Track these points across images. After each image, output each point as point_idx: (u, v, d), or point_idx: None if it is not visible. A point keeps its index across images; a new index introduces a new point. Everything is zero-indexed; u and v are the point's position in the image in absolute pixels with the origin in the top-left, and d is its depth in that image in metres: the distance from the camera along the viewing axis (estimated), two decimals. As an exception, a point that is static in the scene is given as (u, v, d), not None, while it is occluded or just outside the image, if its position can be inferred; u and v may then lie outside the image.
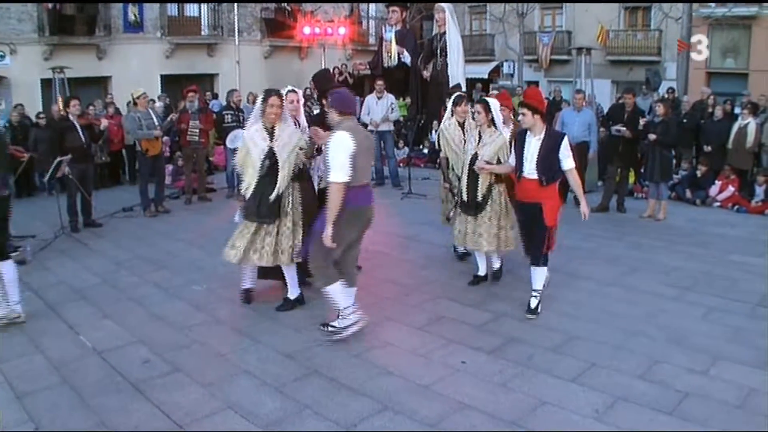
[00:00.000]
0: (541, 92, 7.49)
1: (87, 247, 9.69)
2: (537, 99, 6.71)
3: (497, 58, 31.34)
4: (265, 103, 6.53)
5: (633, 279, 7.95)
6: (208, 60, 21.09)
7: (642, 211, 11.35)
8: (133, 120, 11.65)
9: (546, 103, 7.04)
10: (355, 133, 5.76)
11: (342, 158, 5.62)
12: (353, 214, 5.82)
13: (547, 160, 6.47)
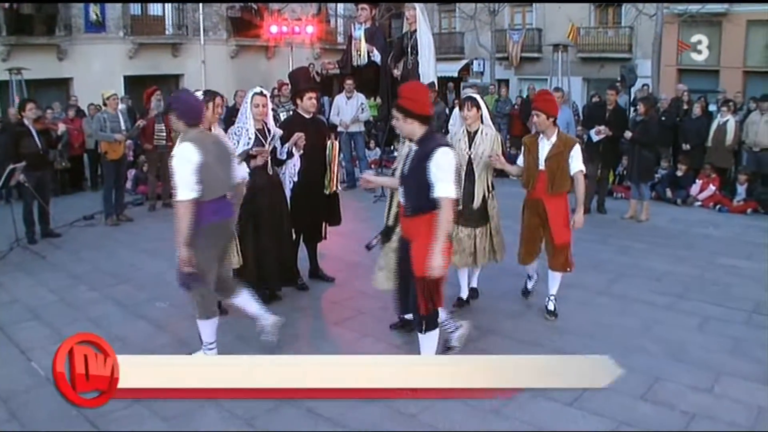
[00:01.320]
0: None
1: (44, 260, 9.12)
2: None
3: (467, 56, 31.04)
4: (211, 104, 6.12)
5: (622, 286, 7.62)
6: (172, 60, 20.51)
7: (623, 212, 11.08)
8: (99, 120, 11.12)
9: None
10: (202, 142, 5.16)
11: (185, 173, 5.03)
12: (212, 232, 5.25)
13: (413, 177, 4.89)
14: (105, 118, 11.00)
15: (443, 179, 4.68)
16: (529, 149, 6.45)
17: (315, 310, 6.91)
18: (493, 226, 6.73)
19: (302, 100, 7.30)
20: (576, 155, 6.25)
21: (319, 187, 7.41)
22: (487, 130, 6.57)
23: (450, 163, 4.73)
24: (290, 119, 7.62)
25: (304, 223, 7.42)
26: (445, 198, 4.66)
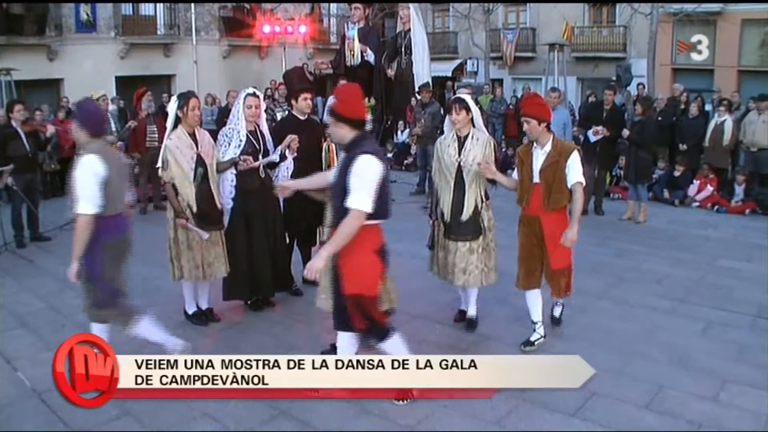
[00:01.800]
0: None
1: (32, 264, 8.95)
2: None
3: (461, 55, 30.90)
4: (185, 107, 6.13)
5: (622, 290, 7.49)
6: (164, 60, 20.30)
7: (621, 213, 10.95)
8: None
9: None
10: (106, 155, 4.89)
11: (89, 186, 4.74)
12: (114, 247, 4.99)
13: (337, 186, 4.57)
14: (95, 119, 10.82)
15: (358, 189, 4.32)
16: (523, 161, 5.75)
17: (310, 317, 6.72)
18: (487, 241, 6.17)
19: (297, 101, 7.14)
20: (574, 164, 5.53)
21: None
22: (478, 134, 6.00)
23: (370, 172, 4.33)
24: (284, 121, 7.46)
25: (299, 227, 7.26)
26: (353, 209, 4.31)
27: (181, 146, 6.13)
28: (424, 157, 12.73)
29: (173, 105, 6.25)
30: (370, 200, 4.32)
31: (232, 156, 6.44)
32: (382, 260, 4.62)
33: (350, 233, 4.34)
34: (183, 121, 6.20)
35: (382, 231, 4.64)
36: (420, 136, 12.50)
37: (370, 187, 4.32)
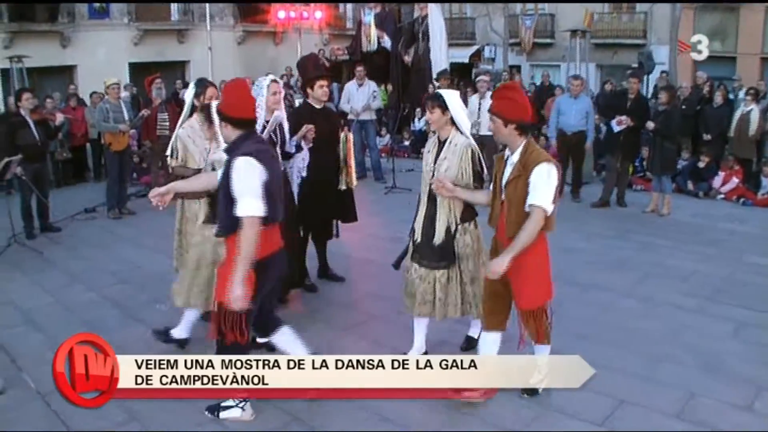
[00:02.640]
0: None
1: (41, 256, 8.77)
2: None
3: (478, 41, 30.48)
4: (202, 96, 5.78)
5: (647, 287, 7.20)
6: (178, 47, 20.07)
7: (644, 205, 10.62)
8: (102, 111, 10.78)
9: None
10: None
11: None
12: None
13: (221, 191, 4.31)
14: (107, 108, 10.66)
15: (243, 194, 4.08)
16: (497, 171, 4.68)
17: (324, 315, 6.52)
18: (466, 270, 5.17)
19: (313, 89, 6.88)
20: (537, 182, 4.33)
21: (331, 183, 7.00)
22: (458, 139, 5.01)
23: (250, 174, 4.08)
24: (299, 110, 7.22)
25: (314, 221, 7.02)
26: (245, 218, 4.06)
27: (193, 136, 5.88)
28: (442, 146, 12.46)
29: (190, 92, 6.00)
30: (260, 203, 4.09)
31: None
32: (259, 274, 4.19)
33: (251, 242, 4.06)
34: (199, 110, 5.97)
35: (272, 237, 4.32)
36: (438, 124, 12.22)
37: (254, 190, 4.09)
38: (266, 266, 4.24)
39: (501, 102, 4.48)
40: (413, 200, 10.95)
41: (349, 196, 7.25)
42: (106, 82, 11.17)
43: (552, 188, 4.33)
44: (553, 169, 4.35)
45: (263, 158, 4.17)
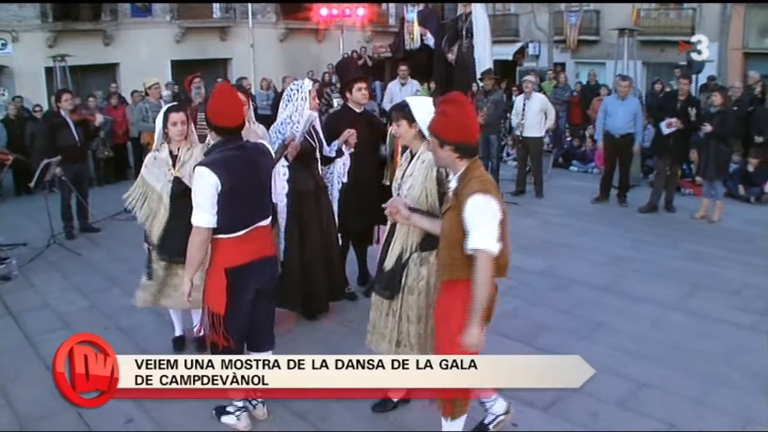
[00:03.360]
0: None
1: (80, 257, 8.76)
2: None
3: (522, 38, 30.08)
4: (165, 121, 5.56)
5: (698, 301, 6.89)
6: (220, 44, 20.07)
7: (693, 211, 10.26)
8: (141, 111, 10.76)
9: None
10: None
11: None
12: None
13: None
14: (147, 108, 10.65)
15: (195, 204, 4.07)
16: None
17: (361, 326, 6.31)
18: (412, 306, 4.39)
19: (351, 92, 6.69)
20: (473, 218, 3.60)
21: (372, 187, 6.78)
22: (426, 155, 4.33)
23: (198, 184, 4.02)
24: (339, 113, 7.02)
25: (355, 227, 6.83)
26: (193, 226, 4.08)
27: None
28: (487, 147, 12.22)
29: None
30: (207, 215, 4.04)
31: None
32: (231, 281, 4.15)
33: (192, 250, 4.11)
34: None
35: (245, 246, 4.20)
36: (482, 125, 11.98)
37: (201, 202, 4.03)
38: (240, 274, 4.17)
39: (437, 119, 3.78)
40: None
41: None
42: (146, 82, 11.17)
43: (493, 224, 3.59)
44: (491, 200, 3.59)
45: (225, 167, 4.04)
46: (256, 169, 4.21)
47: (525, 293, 7.06)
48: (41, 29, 16.17)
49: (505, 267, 3.78)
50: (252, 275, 4.22)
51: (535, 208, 10.77)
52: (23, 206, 11.22)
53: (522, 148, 11.71)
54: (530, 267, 7.86)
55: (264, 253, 4.31)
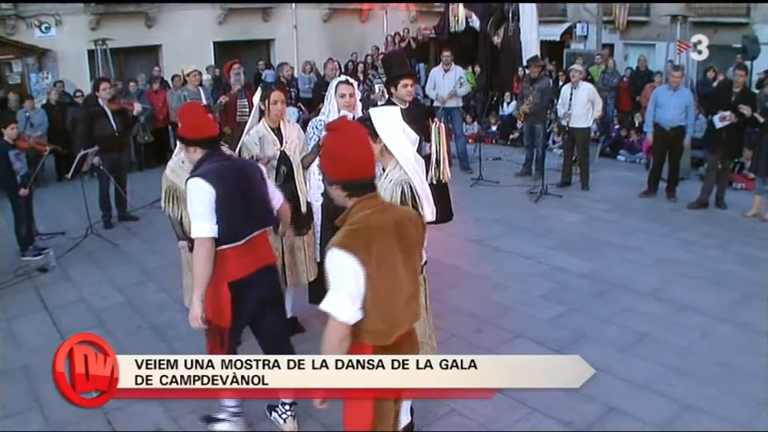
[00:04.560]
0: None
1: (116, 248, 8.75)
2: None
3: (569, 19, 29.48)
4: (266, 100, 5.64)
5: (748, 312, 6.54)
6: (263, 25, 19.88)
7: (745, 208, 9.85)
8: (179, 99, 10.71)
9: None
10: None
11: None
12: None
13: None
14: (185, 95, 10.59)
15: (192, 216, 4.09)
16: None
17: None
18: None
19: (397, 89, 6.47)
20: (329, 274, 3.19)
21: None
22: (394, 173, 4.14)
23: (195, 196, 4.02)
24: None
25: None
26: (195, 239, 4.05)
27: (260, 143, 5.66)
28: (531, 135, 11.98)
29: (257, 97, 5.80)
30: (209, 225, 4.02)
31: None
32: (235, 295, 4.16)
33: (198, 263, 4.06)
34: (266, 116, 5.73)
35: (246, 257, 4.18)
36: (528, 114, 11.71)
37: (200, 212, 4.03)
38: (243, 287, 4.17)
39: (322, 155, 3.31)
40: (499, 195, 10.60)
41: (442, 191, 6.81)
42: (184, 69, 11.09)
43: (344, 287, 3.10)
44: (347, 259, 3.04)
45: (218, 176, 4.06)
46: (248, 178, 4.22)
47: (567, 298, 6.86)
48: (84, 12, 16.18)
49: (384, 334, 3.26)
50: (253, 286, 4.21)
51: (581, 202, 10.47)
52: (64, 192, 11.25)
53: (568, 139, 11.39)
54: (574, 269, 7.65)
55: (264, 262, 4.31)
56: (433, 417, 4.90)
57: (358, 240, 3.04)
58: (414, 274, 3.32)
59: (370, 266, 3.03)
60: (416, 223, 3.34)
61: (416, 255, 3.36)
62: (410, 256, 3.25)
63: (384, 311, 3.16)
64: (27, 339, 6.36)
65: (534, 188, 10.88)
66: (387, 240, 3.11)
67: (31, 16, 15.68)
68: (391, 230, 3.14)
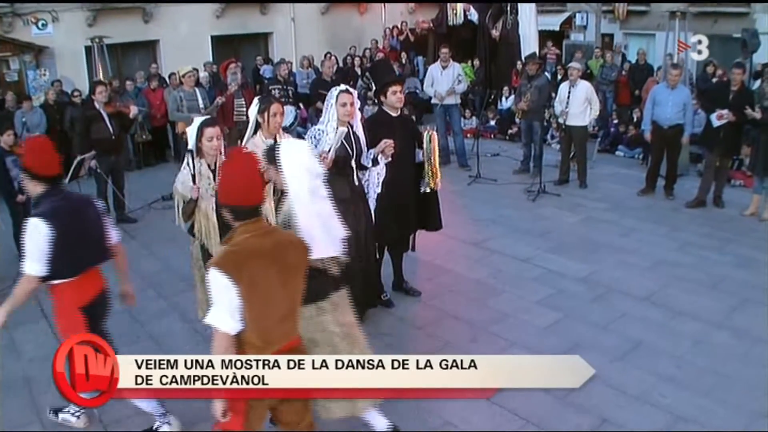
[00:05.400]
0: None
1: (114, 254, 8.75)
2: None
3: (569, 8, 29.38)
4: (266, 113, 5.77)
5: (744, 317, 6.58)
6: (261, 18, 19.78)
7: (743, 206, 9.84)
8: (174, 99, 10.70)
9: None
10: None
11: None
12: None
13: None
14: (181, 96, 10.60)
15: (26, 254, 4.35)
16: None
17: (395, 339, 6.23)
18: None
19: (386, 96, 6.52)
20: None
21: (409, 194, 6.65)
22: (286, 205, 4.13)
23: (32, 236, 4.27)
24: (375, 118, 6.82)
25: (391, 236, 6.72)
26: (23, 274, 4.37)
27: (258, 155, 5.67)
28: (529, 133, 11.99)
29: (254, 109, 5.83)
30: (38, 265, 4.31)
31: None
32: (87, 316, 4.57)
33: (20, 295, 4.42)
34: (264, 128, 5.76)
35: (89, 284, 4.60)
36: (526, 111, 11.70)
37: (34, 252, 4.30)
38: (92, 307, 4.60)
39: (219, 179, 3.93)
40: (497, 194, 10.61)
41: (432, 200, 6.86)
42: (179, 71, 11.12)
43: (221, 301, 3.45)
44: (220, 276, 3.40)
45: (56, 216, 4.32)
46: (84, 217, 4.52)
47: (564, 304, 6.90)
48: (80, 8, 16.14)
49: (259, 348, 3.58)
50: (99, 305, 4.70)
51: (579, 201, 10.47)
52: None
53: (565, 137, 11.38)
54: (572, 273, 7.68)
55: (101, 288, 4.74)
56: (428, 427, 4.94)
57: (231, 261, 3.41)
58: (293, 294, 3.62)
59: (241, 284, 3.37)
60: (298, 248, 3.64)
61: (296, 277, 3.61)
62: (288, 277, 3.55)
63: (257, 326, 3.51)
64: (27, 349, 6.40)
65: (531, 186, 10.88)
66: (262, 261, 3.43)
67: (28, 13, 15.63)
68: (268, 253, 3.46)
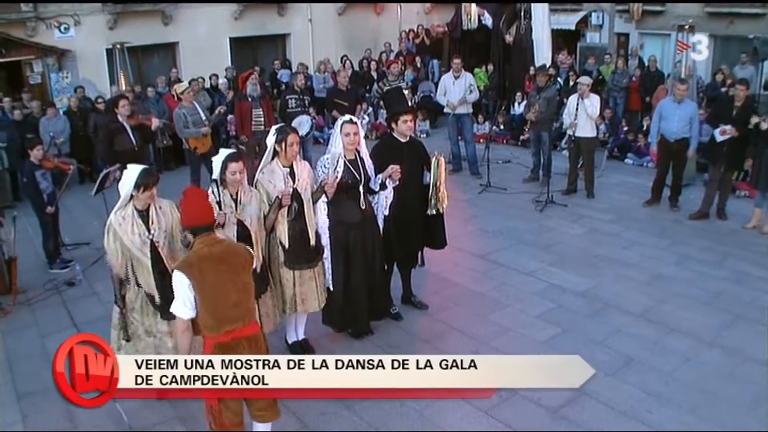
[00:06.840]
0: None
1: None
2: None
3: (585, 7, 29.41)
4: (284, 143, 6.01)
5: (736, 335, 6.81)
6: (279, 20, 20.06)
7: (745, 218, 10.04)
8: (179, 118, 11.08)
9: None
10: None
11: None
12: None
13: None
14: (185, 113, 11.02)
15: None
16: None
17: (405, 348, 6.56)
18: None
19: (397, 124, 6.88)
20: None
21: (416, 216, 6.99)
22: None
23: None
24: (384, 144, 7.16)
25: (398, 254, 7.09)
26: None
27: (274, 180, 6.03)
28: (538, 142, 12.24)
29: (271, 138, 6.13)
30: None
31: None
32: None
33: None
34: (281, 156, 6.08)
35: None
36: (534, 122, 11.95)
37: None
38: None
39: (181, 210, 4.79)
40: (506, 204, 10.85)
41: (437, 221, 7.19)
42: (176, 89, 11.68)
43: (181, 295, 4.28)
44: (180, 276, 4.27)
45: None
46: None
47: (562, 319, 7.18)
48: (101, 12, 16.49)
49: (214, 327, 4.26)
50: None
51: (585, 212, 10.71)
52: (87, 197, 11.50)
53: (573, 148, 11.61)
54: (572, 287, 7.95)
55: None
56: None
57: (186, 263, 4.35)
58: (242, 287, 4.41)
59: (194, 279, 4.20)
60: (240, 252, 4.56)
61: (242, 274, 4.44)
62: (236, 274, 4.37)
63: (212, 310, 4.24)
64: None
65: (539, 196, 11.13)
66: (212, 262, 4.28)
67: (51, 17, 16.01)
68: (217, 256, 4.32)
